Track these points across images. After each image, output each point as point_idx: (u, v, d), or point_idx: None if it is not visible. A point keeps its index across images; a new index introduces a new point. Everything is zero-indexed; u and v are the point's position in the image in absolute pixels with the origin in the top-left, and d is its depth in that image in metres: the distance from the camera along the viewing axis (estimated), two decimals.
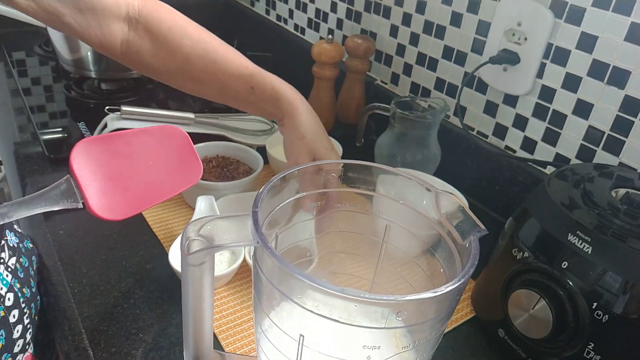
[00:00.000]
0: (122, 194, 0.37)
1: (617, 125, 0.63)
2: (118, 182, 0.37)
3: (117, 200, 0.36)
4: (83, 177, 0.35)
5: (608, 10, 0.61)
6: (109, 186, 0.36)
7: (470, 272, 0.31)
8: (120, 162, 0.37)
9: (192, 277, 0.34)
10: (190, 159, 0.41)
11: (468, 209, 0.36)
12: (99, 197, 0.35)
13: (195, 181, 0.41)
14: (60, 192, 0.35)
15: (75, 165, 0.35)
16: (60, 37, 0.93)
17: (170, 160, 0.40)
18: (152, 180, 0.38)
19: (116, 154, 0.37)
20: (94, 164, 0.36)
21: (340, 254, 0.47)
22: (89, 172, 0.35)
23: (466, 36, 0.79)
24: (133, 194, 0.37)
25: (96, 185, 0.35)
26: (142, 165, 0.38)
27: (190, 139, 0.42)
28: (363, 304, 0.28)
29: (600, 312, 0.45)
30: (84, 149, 0.36)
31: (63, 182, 0.35)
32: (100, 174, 0.36)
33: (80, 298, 0.56)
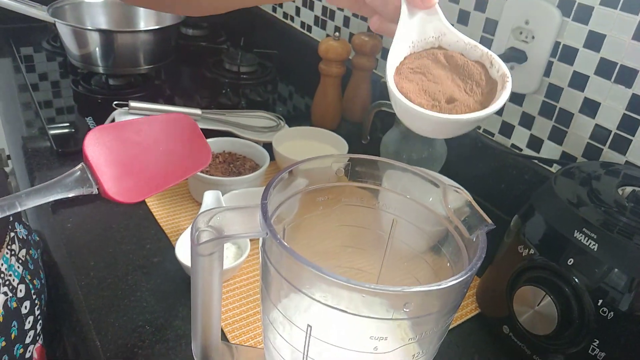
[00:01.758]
0: (135, 178, 0.38)
1: (623, 124, 0.63)
2: (130, 167, 0.38)
3: (131, 184, 0.38)
4: (97, 164, 0.36)
5: (616, 8, 0.61)
6: (122, 171, 0.37)
7: (478, 265, 0.31)
8: (132, 149, 0.39)
9: (202, 268, 0.34)
10: (199, 144, 0.43)
11: (475, 204, 0.36)
12: (113, 182, 0.37)
13: (206, 164, 0.43)
14: (75, 179, 0.36)
15: (89, 152, 0.36)
16: (68, 32, 0.94)
17: (179, 146, 0.41)
18: (163, 164, 0.40)
19: (127, 141, 0.38)
20: (106, 151, 0.37)
21: (347, 248, 0.47)
22: (102, 159, 0.36)
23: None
24: (145, 177, 0.39)
25: (110, 171, 0.37)
26: (152, 150, 0.40)
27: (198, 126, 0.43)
28: (370, 295, 0.29)
29: (606, 309, 0.45)
30: (96, 136, 0.37)
31: (77, 169, 0.36)
32: (113, 160, 0.37)
33: (87, 290, 0.56)
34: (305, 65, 1.05)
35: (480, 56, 0.38)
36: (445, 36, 0.39)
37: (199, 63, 1.17)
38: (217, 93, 1.07)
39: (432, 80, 0.37)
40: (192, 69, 1.18)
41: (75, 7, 1.04)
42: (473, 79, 0.37)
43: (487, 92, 0.36)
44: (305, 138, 0.86)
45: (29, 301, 0.53)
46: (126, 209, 0.69)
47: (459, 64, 0.38)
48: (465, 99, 0.36)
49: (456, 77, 0.37)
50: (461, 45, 0.39)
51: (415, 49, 0.39)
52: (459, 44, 0.39)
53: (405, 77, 0.37)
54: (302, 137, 0.86)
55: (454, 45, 0.39)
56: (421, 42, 0.39)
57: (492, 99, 0.36)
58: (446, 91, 0.36)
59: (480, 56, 0.38)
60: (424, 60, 0.38)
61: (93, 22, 1.07)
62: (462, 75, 0.37)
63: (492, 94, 0.36)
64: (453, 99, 0.36)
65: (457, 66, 0.38)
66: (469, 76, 0.37)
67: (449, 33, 0.39)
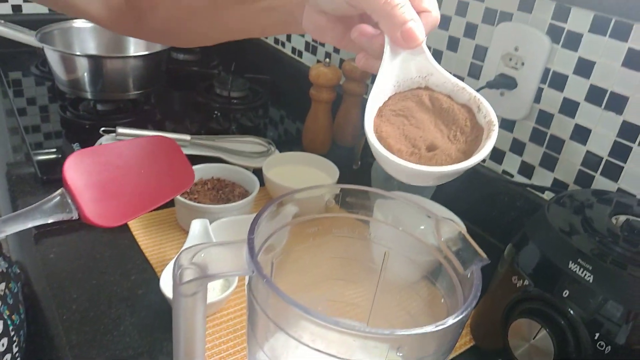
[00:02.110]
0: (115, 201, 0.38)
1: (615, 151, 0.63)
2: (110, 191, 0.38)
3: (112, 208, 0.37)
4: (76, 188, 0.35)
5: (605, 35, 0.61)
6: (102, 195, 0.37)
7: (473, 305, 0.30)
8: (112, 172, 0.38)
9: (184, 308, 0.33)
10: (182, 166, 0.42)
11: (469, 237, 0.35)
12: (93, 206, 0.36)
13: (188, 185, 0.43)
14: (54, 204, 0.35)
15: (68, 177, 0.35)
16: (56, 57, 0.93)
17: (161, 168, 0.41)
18: (144, 187, 0.39)
19: (107, 164, 0.38)
20: (86, 175, 0.36)
21: (338, 281, 0.46)
22: (82, 183, 0.36)
23: (463, 60, 0.79)
24: (126, 201, 0.38)
25: (89, 195, 0.36)
26: (133, 173, 0.39)
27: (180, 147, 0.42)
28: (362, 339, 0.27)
29: (603, 343, 0.44)
30: (76, 161, 0.36)
31: (57, 195, 0.36)
32: (93, 184, 0.37)
33: (69, 325, 0.54)
34: (296, 90, 1.05)
35: (467, 100, 0.36)
36: (432, 76, 0.37)
37: (190, 88, 1.16)
38: (208, 118, 1.06)
39: (414, 125, 0.35)
40: (182, 94, 1.18)
41: (64, 32, 1.03)
42: (458, 124, 0.35)
43: (471, 140, 0.34)
44: (296, 163, 0.85)
45: (6, 338, 0.51)
46: (111, 238, 0.67)
47: (444, 108, 0.36)
48: (447, 147, 0.34)
49: (440, 122, 0.35)
50: (449, 86, 0.36)
51: (400, 88, 0.37)
52: (446, 85, 0.36)
53: (387, 119, 0.35)
54: (293, 162, 0.85)
55: (442, 87, 0.36)
56: (407, 81, 0.37)
57: (477, 147, 0.34)
58: (428, 137, 0.34)
59: (468, 100, 0.36)
60: (408, 103, 0.36)
61: (82, 47, 1.07)
62: (446, 120, 0.35)
63: (477, 141, 0.34)
64: (434, 146, 0.34)
65: (442, 110, 0.36)
66: (454, 121, 0.35)
67: (436, 73, 0.37)
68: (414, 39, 0.34)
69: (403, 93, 0.37)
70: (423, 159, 0.33)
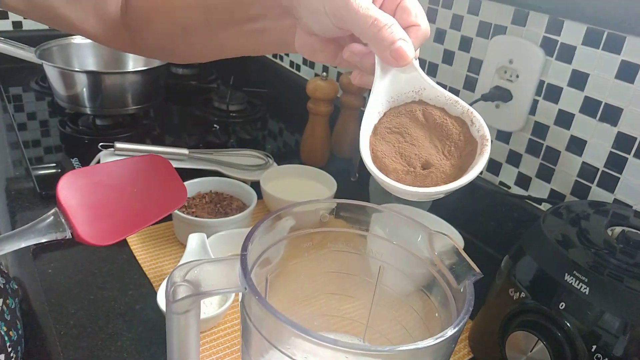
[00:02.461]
0: (108, 220, 0.38)
1: (611, 162, 0.63)
2: (103, 210, 0.38)
3: (105, 226, 0.38)
4: (70, 208, 0.36)
5: (598, 48, 0.62)
6: (96, 214, 0.38)
7: (465, 319, 0.30)
8: (105, 191, 0.39)
9: (177, 326, 0.33)
10: (174, 183, 0.43)
11: (462, 251, 0.35)
12: (86, 225, 0.37)
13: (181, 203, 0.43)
14: (48, 224, 0.36)
15: (61, 197, 0.36)
16: (55, 74, 0.94)
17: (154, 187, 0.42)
18: (137, 205, 0.40)
19: (100, 184, 0.39)
20: (80, 195, 0.37)
21: (334, 295, 0.46)
22: (75, 203, 0.36)
23: (458, 73, 0.80)
24: (119, 219, 0.39)
25: (83, 214, 0.37)
26: (126, 192, 0.40)
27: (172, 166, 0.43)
28: (356, 356, 0.27)
29: (600, 355, 0.44)
30: (70, 181, 0.37)
31: (50, 214, 0.36)
32: (87, 204, 0.37)
33: (66, 340, 0.54)
34: (294, 103, 1.06)
35: (461, 113, 0.36)
36: (425, 90, 0.37)
37: (188, 102, 1.17)
38: (206, 132, 1.07)
39: (409, 142, 0.35)
40: (181, 108, 1.18)
41: (63, 49, 1.04)
42: (452, 139, 0.35)
43: (466, 154, 0.35)
44: (294, 176, 0.85)
45: (3, 355, 0.51)
46: (109, 253, 0.67)
47: (437, 123, 0.36)
48: (441, 164, 0.34)
49: (434, 138, 0.36)
50: (442, 100, 0.37)
51: (395, 103, 0.37)
52: (439, 99, 0.37)
53: (382, 137, 0.36)
54: (291, 175, 0.85)
55: (435, 100, 0.37)
56: (400, 96, 0.37)
57: (471, 161, 0.34)
58: (423, 154, 0.35)
59: (462, 113, 0.36)
60: (402, 119, 0.36)
61: (81, 63, 1.07)
62: (440, 136, 0.36)
63: (472, 155, 0.34)
64: (429, 163, 0.34)
65: (436, 125, 0.36)
66: (448, 136, 0.35)
67: (429, 87, 0.37)
68: (403, 58, 0.34)
69: (397, 108, 0.37)
70: (418, 177, 0.34)
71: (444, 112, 0.36)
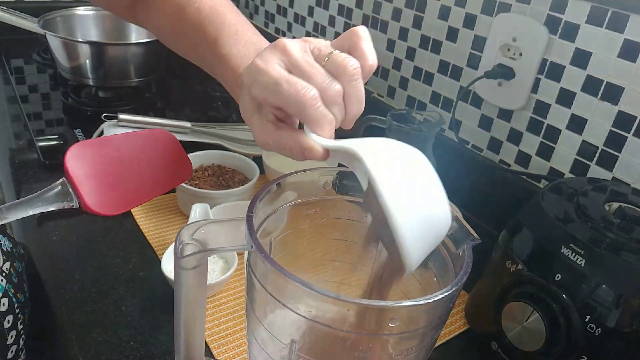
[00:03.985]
0: (115, 191, 0.39)
1: (610, 141, 0.64)
2: (110, 181, 0.39)
3: (111, 197, 0.38)
4: (77, 178, 0.36)
5: (602, 27, 0.62)
6: (102, 185, 0.38)
7: (464, 280, 0.31)
8: (112, 163, 0.39)
9: (185, 281, 0.34)
10: (180, 158, 0.43)
11: (462, 219, 0.36)
12: (93, 195, 0.37)
13: (186, 178, 0.44)
14: (55, 193, 0.36)
15: (69, 167, 0.36)
16: (58, 44, 0.94)
17: (159, 161, 0.42)
18: (143, 178, 0.40)
19: (107, 156, 0.39)
20: (87, 166, 0.37)
21: (335, 262, 0.47)
22: (82, 173, 0.37)
23: (462, 51, 0.80)
24: (125, 191, 0.39)
25: (90, 184, 0.37)
26: (132, 165, 0.40)
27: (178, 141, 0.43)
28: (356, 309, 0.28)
29: (593, 325, 0.45)
30: (77, 151, 0.37)
31: (58, 184, 0.36)
32: (93, 174, 0.38)
33: (71, 305, 0.55)
34: None
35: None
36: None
37: (191, 76, 1.17)
38: (208, 106, 1.07)
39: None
40: (183, 82, 1.18)
41: (66, 19, 1.04)
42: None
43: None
44: None
45: (11, 315, 0.52)
46: (113, 222, 0.68)
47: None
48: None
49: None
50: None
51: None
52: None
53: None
54: None
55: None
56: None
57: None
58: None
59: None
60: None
61: (84, 34, 1.07)
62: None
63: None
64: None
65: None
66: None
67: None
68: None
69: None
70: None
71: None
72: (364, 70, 0.35)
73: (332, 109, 0.35)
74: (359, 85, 0.35)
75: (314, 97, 0.34)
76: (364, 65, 0.35)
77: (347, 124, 0.37)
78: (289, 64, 0.35)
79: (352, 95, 0.35)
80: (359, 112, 0.36)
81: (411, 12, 0.86)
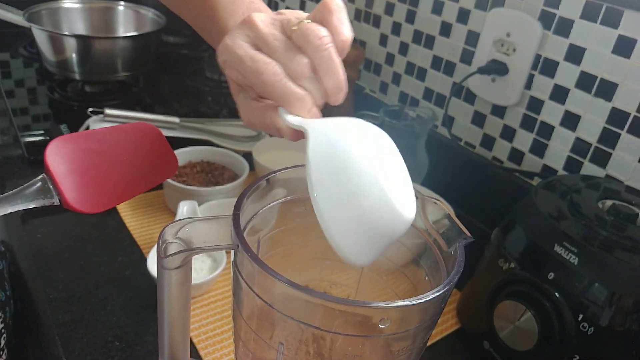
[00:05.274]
0: (97, 188, 0.37)
1: (604, 138, 0.63)
2: (93, 177, 0.37)
3: (93, 194, 0.37)
4: (58, 174, 0.35)
5: (596, 22, 0.61)
6: (84, 181, 0.37)
7: (455, 280, 0.30)
8: (95, 158, 0.38)
9: (168, 281, 0.33)
10: (165, 154, 0.42)
11: (454, 216, 0.35)
12: (75, 192, 0.36)
13: (172, 174, 0.42)
14: (35, 189, 0.35)
15: (50, 162, 0.35)
16: (44, 37, 0.91)
17: (144, 156, 0.40)
18: (127, 174, 0.39)
19: (90, 150, 0.37)
20: (69, 161, 0.36)
21: (325, 261, 0.46)
22: (63, 169, 0.35)
23: (455, 46, 0.79)
24: (108, 187, 0.38)
25: (71, 181, 0.36)
26: (116, 160, 0.39)
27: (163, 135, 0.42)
28: (345, 311, 0.27)
29: (586, 324, 0.45)
30: (58, 146, 0.36)
31: (38, 180, 0.35)
32: (75, 170, 0.36)
33: (55, 304, 0.54)
34: None
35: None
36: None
37: (180, 71, 1.15)
38: (197, 101, 1.05)
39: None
40: (172, 77, 1.17)
41: (52, 12, 1.02)
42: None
43: None
44: (286, 148, 0.85)
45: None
46: (99, 219, 0.67)
47: None
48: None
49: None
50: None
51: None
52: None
53: None
54: (283, 146, 0.84)
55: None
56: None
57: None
58: None
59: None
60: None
61: (71, 27, 1.05)
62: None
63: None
64: None
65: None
66: None
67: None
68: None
69: None
70: None
71: None
72: (336, 45, 0.33)
73: (303, 84, 0.33)
74: (329, 55, 0.32)
75: (275, 73, 0.32)
76: (335, 40, 0.33)
77: (330, 99, 0.35)
78: (255, 39, 0.33)
79: (323, 67, 0.32)
80: (336, 85, 0.33)
81: (404, 6, 0.85)
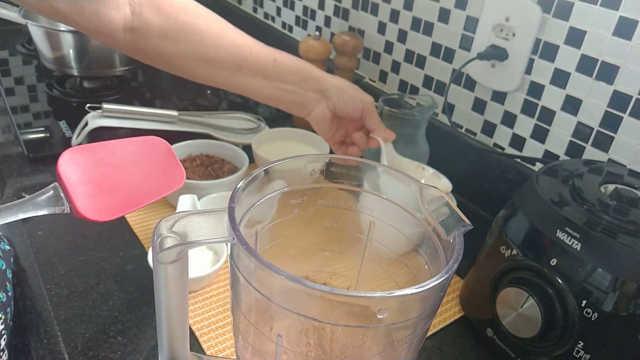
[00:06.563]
0: (107, 197, 0.39)
1: (606, 121, 0.62)
2: (103, 187, 0.39)
3: (103, 203, 0.38)
4: (70, 183, 0.36)
5: (596, 4, 0.60)
6: (95, 191, 0.38)
7: (454, 268, 0.29)
8: (105, 169, 0.39)
9: (164, 276, 0.32)
10: (173, 166, 0.44)
11: (454, 204, 0.35)
12: (85, 201, 0.37)
13: (179, 186, 0.44)
14: (47, 197, 0.36)
15: (62, 172, 0.36)
16: (41, 34, 0.91)
17: (153, 168, 0.42)
18: (136, 185, 0.41)
19: (100, 161, 0.39)
20: (80, 171, 0.37)
21: (324, 252, 0.45)
22: (75, 179, 0.37)
23: (454, 32, 0.78)
24: (118, 197, 0.40)
25: (82, 190, 0.37)
26: (126, 172, 0.40)
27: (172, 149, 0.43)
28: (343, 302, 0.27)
29: (590, 310, 0.44)
30: (70, 157, 0.37)
31: (50, 188, 0.36)
32: (86, 180, 0.37)
33: (57, 300, 0.54)
34: None
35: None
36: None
37: None
38: (196, 95, 1.05)
39: None
40: None
41: None
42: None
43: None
44: (286, 139, 0.84)
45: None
46: None
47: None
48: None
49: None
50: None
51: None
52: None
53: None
54: (283, 138, 0.84)
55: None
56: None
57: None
58: None
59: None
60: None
61: None
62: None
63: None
64: None
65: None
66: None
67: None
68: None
69: None
70: None
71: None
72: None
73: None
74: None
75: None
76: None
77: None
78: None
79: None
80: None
81: None
